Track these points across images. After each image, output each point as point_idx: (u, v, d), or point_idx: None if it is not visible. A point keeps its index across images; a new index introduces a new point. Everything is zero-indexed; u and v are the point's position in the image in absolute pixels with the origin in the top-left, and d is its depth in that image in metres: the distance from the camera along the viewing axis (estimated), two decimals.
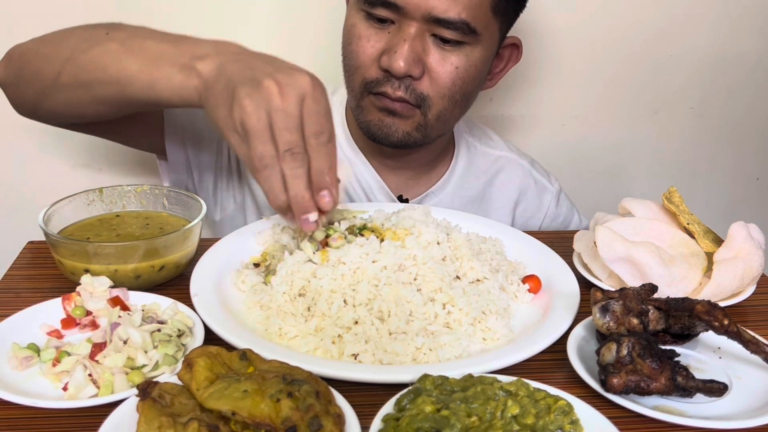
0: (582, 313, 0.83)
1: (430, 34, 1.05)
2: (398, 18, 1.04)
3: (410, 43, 1.03)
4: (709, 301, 0.74)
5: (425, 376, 0.66)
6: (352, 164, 1.22)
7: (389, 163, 1.22)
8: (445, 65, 1.06)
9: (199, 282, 0.83)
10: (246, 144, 0.81)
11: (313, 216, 0.81)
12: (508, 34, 1.15)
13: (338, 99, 1.24)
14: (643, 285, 0.81)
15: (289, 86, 0.81)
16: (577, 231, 1.01)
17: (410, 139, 1.11)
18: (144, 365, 0.70)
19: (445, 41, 1.05)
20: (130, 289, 0.82)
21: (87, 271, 0.83)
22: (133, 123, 1.11)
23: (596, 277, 0.93)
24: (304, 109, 0.81)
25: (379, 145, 1.14)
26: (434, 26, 1.03)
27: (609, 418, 0.64)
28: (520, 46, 1.19)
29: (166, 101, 0.92)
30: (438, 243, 0.88)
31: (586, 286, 0.90)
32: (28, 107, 1.06)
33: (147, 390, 0.60)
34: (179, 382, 0.62)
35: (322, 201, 0.81)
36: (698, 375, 0.73)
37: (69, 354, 0.71)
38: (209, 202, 1.24)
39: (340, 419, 0.60)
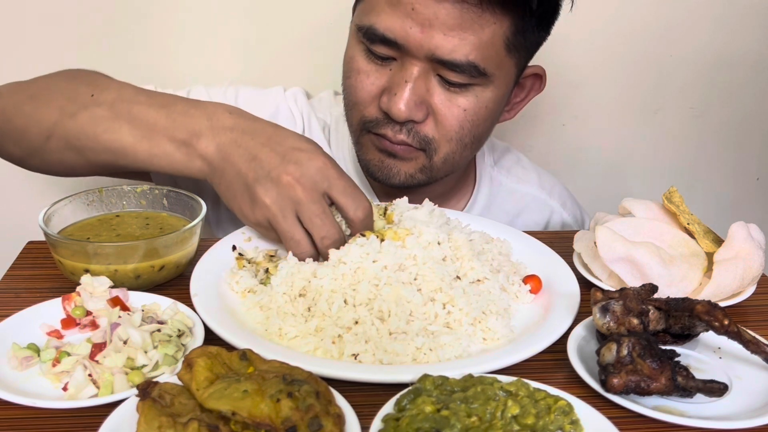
0: (582, 313, 0.83)
1: (435, 74, 0.96)
2: (400, 55, 0.95)
3: (412, 84, 0.94)
4: (709, 301, 0.74)
5: (425, 376, 0.66)
6: None
7: (399, 195, 1.15)
8: (452, 108, 0.97)
9: (199, 282, 0.83)
10: (273, 233, 0.86)
11: None
12: (530, 63, 1.06)
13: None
14: (643, 285, 0.81)
15: (305, 176, 0.83)
16: (577, 231, 1.01)
17: (413, 181, 1.04)
18: (144, 365, 0.70)
19: (450, 83, 0.96)
20: (130, 289, 0.82)
21: (87, 271, 0.83)
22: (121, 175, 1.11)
23: (596, 277, 0.93)
24: (332, 191, 0.84)
25: None
26: (439, 67, 0.94)
27: (609, 418, 0.64)
28: (543, 75, 1.10)
29: (166, 173, 0.92)
30: (438, 243, 0.88)
31: (586, 286, 0.90)
32: (15, 161, 1.03)
33: (147, 390, 0.60)
34: (179, 382, 0.62)
35: None
36: (698, 375, 0.72)
37: (69, 354, 0.71)
38: (212, 222, 1.22)
39: (340, 419, 0.60)
